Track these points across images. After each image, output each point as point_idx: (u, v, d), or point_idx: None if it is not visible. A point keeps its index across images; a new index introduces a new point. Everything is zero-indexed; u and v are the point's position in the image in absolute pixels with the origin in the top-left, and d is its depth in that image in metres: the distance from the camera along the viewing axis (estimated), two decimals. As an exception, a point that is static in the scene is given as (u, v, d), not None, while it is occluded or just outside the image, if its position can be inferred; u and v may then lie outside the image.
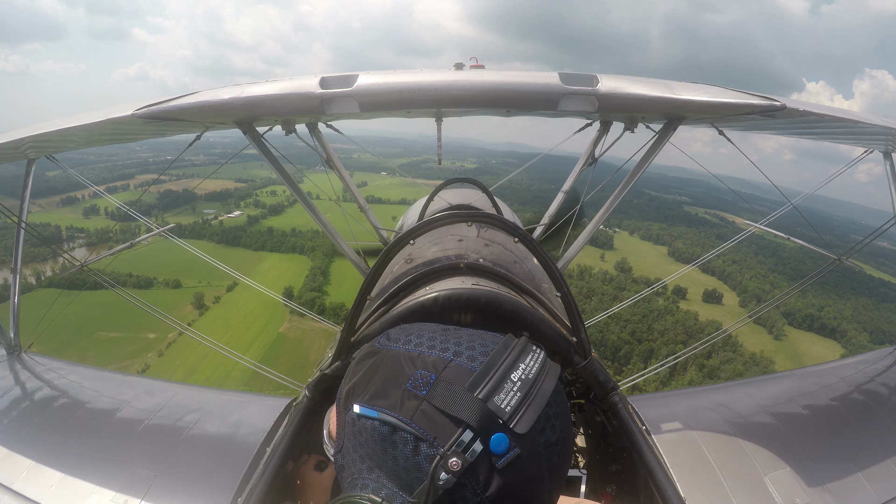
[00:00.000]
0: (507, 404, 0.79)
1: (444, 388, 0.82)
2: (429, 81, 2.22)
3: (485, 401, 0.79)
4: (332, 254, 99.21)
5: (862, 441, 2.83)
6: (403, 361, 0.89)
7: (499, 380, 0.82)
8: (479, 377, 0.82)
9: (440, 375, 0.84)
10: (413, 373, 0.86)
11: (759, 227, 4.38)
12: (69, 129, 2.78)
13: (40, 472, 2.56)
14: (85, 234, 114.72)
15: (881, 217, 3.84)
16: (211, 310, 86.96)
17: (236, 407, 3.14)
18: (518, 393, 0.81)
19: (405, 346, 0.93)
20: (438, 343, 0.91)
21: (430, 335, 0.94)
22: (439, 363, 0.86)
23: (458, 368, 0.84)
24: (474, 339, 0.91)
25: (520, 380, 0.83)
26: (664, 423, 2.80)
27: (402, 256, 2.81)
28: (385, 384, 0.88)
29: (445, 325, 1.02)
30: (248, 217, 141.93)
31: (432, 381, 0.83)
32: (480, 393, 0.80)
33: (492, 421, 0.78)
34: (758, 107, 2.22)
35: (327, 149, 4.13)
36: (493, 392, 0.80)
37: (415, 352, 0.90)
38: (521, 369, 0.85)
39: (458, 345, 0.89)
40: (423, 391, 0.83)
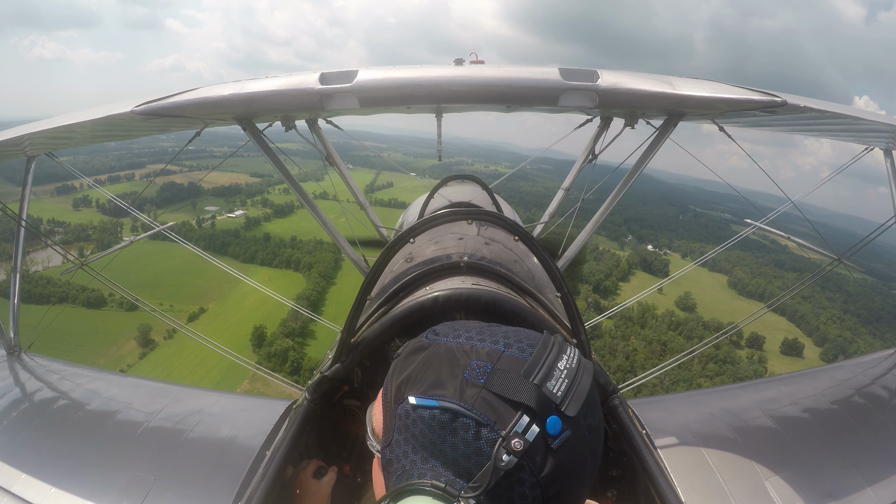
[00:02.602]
0: (559, 389, 0.85)
1: (502, 375, 0.87)
2: (428, 77, 2.22)
3: (539, 386, 0.85)
4: (331, 274, 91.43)
5: (863, 445, 2.80)
6: (458, 353, 0.94)
7: (549, 368, 0.88)
8: (532, 365, 0.88)
9: (496, 365, 0.89)
10: (469, 363, 0.91)
11: (759, 225, 4.37)
12: (69, 125, 2.77)
13: (39, 474, 2.54)
14: (63, 230, 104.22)
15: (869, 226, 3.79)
16: (158, 349, 68.65)
17: (236, 409, 3.12)
18: (566, 380, 0.87)
19: (455, 340, 0.97)
20: (488, 337, 0.95)
21: (477, 329, 0.99)
22: (494, 353, 0.91)
23: (511, 358, 0.89)
24: (519, 334, 0.97)
25: (566, 368, 0.89)
26: (664, 427, 2.77)
27: (403, 255, 2.80)
28: (442, 375, 0.93)
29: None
30: (246, 219, 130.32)
31: (489, 370, 0.88)
32: (535, 379, 0.85)
33: (547, 404, 0.84)
34: (758, 102, 2.21)
35: (327, 145, 4.13)
36: (546, 378, 0.86)
37: (467, 344, 0.94)
38: (565, 360, 0.91)
39: (507, 338, 0.94)
40: (482, 379, 0.88)
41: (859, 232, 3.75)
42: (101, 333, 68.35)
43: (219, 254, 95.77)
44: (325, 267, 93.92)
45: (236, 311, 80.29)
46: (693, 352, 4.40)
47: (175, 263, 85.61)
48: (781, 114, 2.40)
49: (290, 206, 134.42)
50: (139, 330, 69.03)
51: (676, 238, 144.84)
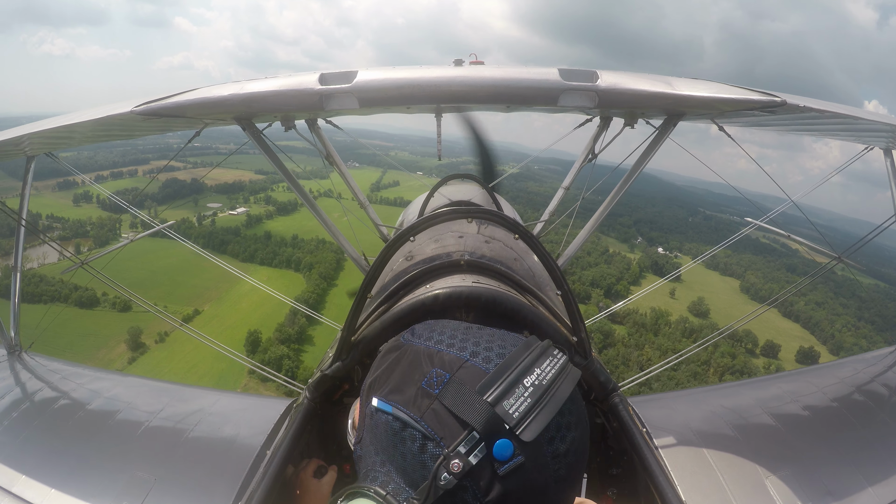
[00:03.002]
0: (516, 410, 0.78)
1: (456, 388, 0.82)
2: (428, 77, 2.22)
3: (493, 405, 0.78)
4: (332, 275, 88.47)
5: (864, 443, 2.80)
6: (423, 358, 0.90)
7: (510, 384, 0.80)
8: (491, 380, 0.81)
9: (454, 375, 0.84)
10: (430, 370, 0.87)
11: (759, 223, 4.37)
12: (69, 125, 2.77)
13: (40, 474, 2.53)
14: (61, 226, 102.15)
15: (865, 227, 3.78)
16: (149, 353, 67.27)
17: (236, 409, 3.12)
18: (528, 399, 0.79)
19: (426, 343, 0.93)
20: (458, 341, 0.91)
21: (451, 332, 0.94)
22: (455, 362, 0.86)
23: (472, 369, 0.84)
24: (494, 340, 0.90)
25: (532, 385, 0.81)
26: (665, 425, 2.78)
27: (403, 253, 2.80)
28: (403, 380, 0.90)
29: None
30: (247, 217, 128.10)
31: (446, 381, 0.84)
32: (490, 396, 0.79)
33: (497, 426, 0.77)
34: (758, 102, 2.22)
35: (327, 145, 4.13)
36: (503, 396, 0.79)
37: (434, 349, 0.91)
38: (536, 374, 0.83)
39: (477, 344, 0.89)
40: (437, 390, 0.83)
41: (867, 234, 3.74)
42: (92, 335, 66.60)
43: (218, 250, 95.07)
44: (326, 268, 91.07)
45: (232, 313, 78.35)
46: (693, 350, 4.39)
47: (172, 262, 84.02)
48: (781, 114, 2.40)
49: (293, 203, 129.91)
50: (129, 333, 67.33)
51: (687, 241, 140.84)
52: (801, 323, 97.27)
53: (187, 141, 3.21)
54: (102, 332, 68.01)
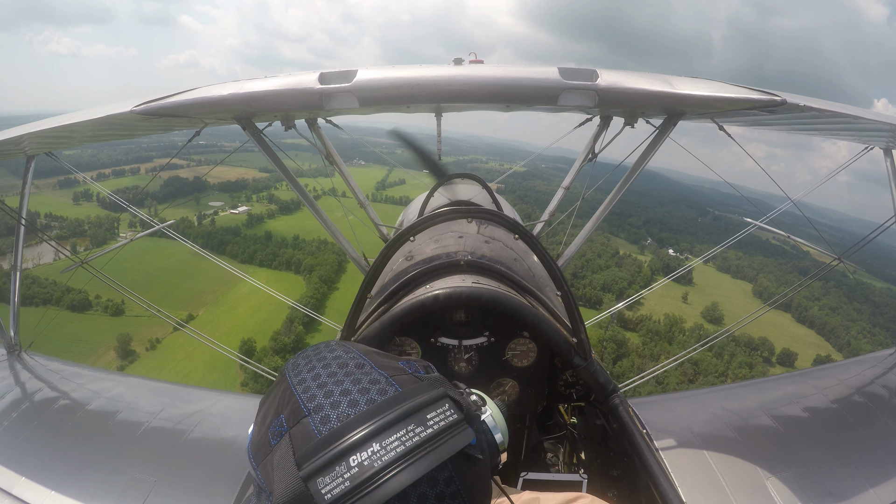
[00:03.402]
0: (330, 492, 0.67)
1: (284, 448, 0.75)
2: (428, 77, 2.22)
3: (305, 479, 0.69)
4: (333, 278, 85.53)
5: (863, 444, 2.79)
6: (282, 396, 0.83)
7: (332, 458, 0.69)
8: (313, 449, 0.71)
9: (291, 430, 0.76)
10: (279, 416, 0.80)
11: (759, 224, 4.37)
12: (69, 125, 2.78)
13: (40, 475, 2.53)
14: (59, 225, 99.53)
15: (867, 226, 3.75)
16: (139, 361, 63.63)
17: (236, 409, 3.12)
18: (346, 483, 0.68)
19: (295, 374, 0.85)
20: (317, 384, 0.80)
21: (326, 367, 0.85)
22: (297, 414, 0.77)
23: (306, 428, 0.75)
24: (354, 390, 0.78)
25: (358, 466, 0.69)
26: (665, 427, 2.77)
27: (403, 253, 2.80)
28: (265, 414, 0.85)
29: (381, 347, 0.94)
30: (248, 216, 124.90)
31: (282, 434, 0.77)
32: (305, 469, 0.69)
33: (307, 502, 0.68)
34: (758, 101, 2.21)
35: (327, 144, 4.13)
36: (320, 472, 0.69)
37: (295, 387, 0.82)
38: (370, 452, 0.70)
39: (330, 394, 0.78)
40: (274, 441, 0.77)
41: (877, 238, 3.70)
42: (81, 341, 63.14)
43: (217, 251, 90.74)
44: (326, 270, 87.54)
45: (227, 318, 74.38)
46: (694, 351, 4.39)
47: (169, 263, 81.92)
48: (781, 113, 2.40)
49: (295, 202, 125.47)
50: (118, 339, 64.23)
51: (697, 242, 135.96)
52: (815, 329, 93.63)
53: (187, 141, 3.21)
54: (93, 338, 64.61)
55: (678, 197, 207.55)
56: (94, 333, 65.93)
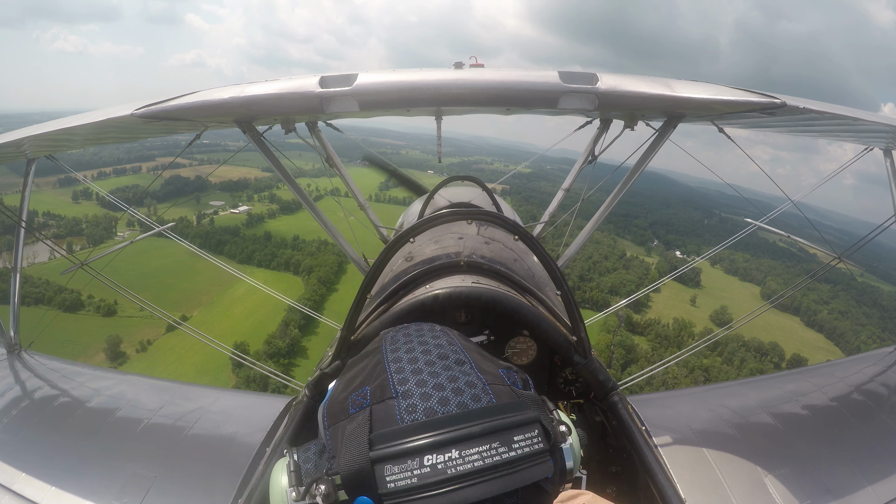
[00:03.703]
0: (394, 482, 0.66)
1: (361, 421, 0.73)
2: (428, 80, 2.23)
3: (373, 462, 0.68)
4: (333, 280, 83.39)
5: (862, 441, 2.81)
6: (374, 367, 0.83)
7: (408, 452, 0.68)
8: (391, 434, 0.70)
9: (373, 406, 0.75)
10: (364, 386, 0.79)
11: (759, 224, 4.38)
12: (69, 128, 2.78)
13: (41, 472, 2.54)
14: (56, 224, 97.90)
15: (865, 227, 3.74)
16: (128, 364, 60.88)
17: (236, 406, 3.14)
18: (413, 479, 0.66)
19: (392, 350, 0.85)
20: (412, 367, 0.79)
21: (424, 351, 0.83)
22: (384, 392, 0.76)
23: (388, 410, 0.73)
24: (448, 386, 0.75)
25: (431, 467, 0.66)
26: (664, 424, 2.79)
27: (402, 254, 2.81)
28: (351, 378, 0.85)
29: (472, 341, 0.89)
30: (248, 216, 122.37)
31: (363, 407, 0.76)
32: (376, 451, 0.68)
33: (365, 484, 0.68)
34: (757, 104, 2.22)
35: (327, 147, 4.14)
36: (391, 459, 0.67)
37: (389, 363, 0.81)
38: (448, 457, 0.67)
39: (423, 383, 0.76)
40: (353, 410, 0.77)
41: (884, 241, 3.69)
42: (71, 342, 60.91)
43: (215, 251, 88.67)
44: (326, 272, 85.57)
45: (221, 320, 72.43)
46: (694, 350, 4.41)
47: (165, 263, 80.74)
48: (781, 115, 2.40)
49: (297, 202, 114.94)
50: (107, 341, 62.44)
51: (704, 244, 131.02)
52: (825, 333, 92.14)
53: (188, 144, 3.21)
54: (82, 339, 62.23)
55: (684, 199, 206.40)
56: (83, 334, 63.92)
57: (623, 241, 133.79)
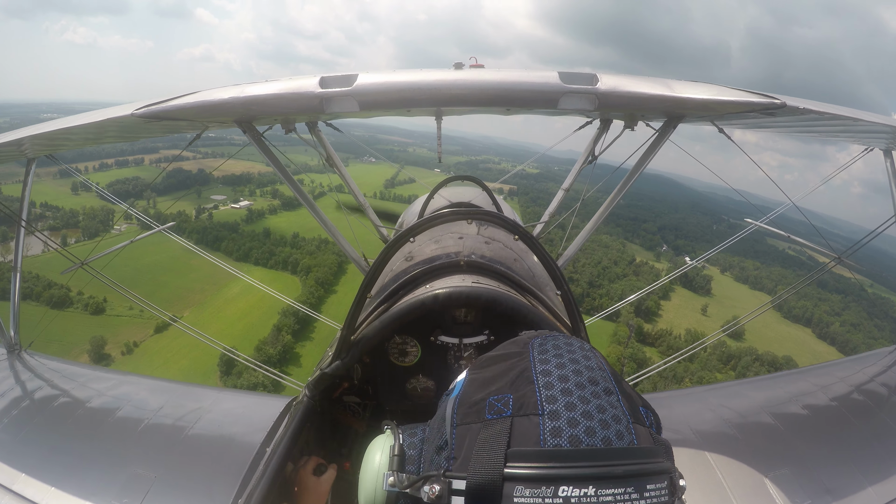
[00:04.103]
0: (523, 499, 0.64)
1: (498, 431, 0.71)
2: (428, 81, 2.22)
3: (504, 478, 0.66)
4: (332, 282, 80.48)
5: (862, 441, 2.82)
6: (518, 375, 0.79)
7: (545, 478, 0.65)
8: (530, 455, 0.68)
9: (514, 418, 0.72)
10: (507, 393, 0.76)
11: (759, 224, 4.38)
12: (69, 128, 2.78)
13: (41, 472, 2.55)
14: (52, 215, 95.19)
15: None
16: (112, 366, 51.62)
17: (236, 406, 3.14)
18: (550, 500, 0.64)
19: (541, 362, 0.80)
20: (561, 386, 0.75)
21: (574, 370, 0.78)
22: (529, 407, 0.73)
23: (532, 427, 0.70)
24: (596, 417, 0.71)
25: (564, 499, 0.64)
26: (664, 424, 2.78)
27: (402, 254, 2.81)
28: (490, 377, 0.82)
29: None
30: (248, 211, 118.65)
31: (503, 416, 0.73)
32: (512, 469, 0.66)
33: (489, 498, 0.66)
34: (758, 104, 2.22)
35: (327, 147, 4.14)
36: (525, 481, 0.65)
37: (536, 375, 0.77)
38: (583, 493, 0.64)
39: (572, 407, 0.72)
40: (489, 416, 0.74)
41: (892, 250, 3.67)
42: (56, 341, 57.80)
43: (212, 247, 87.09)
44: (324, 272, 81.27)
45: (213, 322, 68.61)
46: (694, 349, 4.41)
47: (159, 259, 77.28)
48: (781, 116, 2.40)
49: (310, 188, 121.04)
50: (91, 343, 59.35)
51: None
52: (836, 346, 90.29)
53: (188, 143, 3.21)
54: (66, 339, 58.95)
55: (692, 203, 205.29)
56: (68, 334, 60.57)
57: (632, 245, 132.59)
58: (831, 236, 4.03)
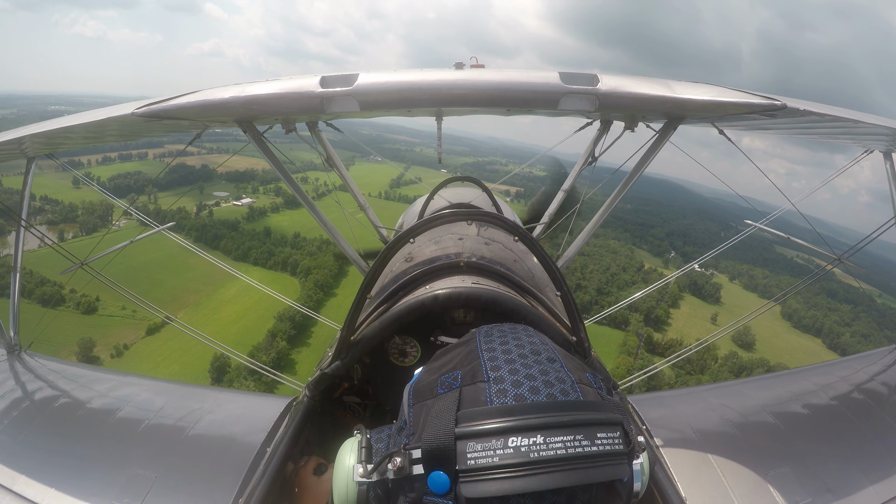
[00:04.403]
0: (475, 458, 0.68)
1: (449, 401, 0.76)
2: (429, 81, 2.22)
3: (457, 438, 0.70)
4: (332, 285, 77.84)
5: (863, 440, 2.82)
6: (466, 354, 0.85)
7: (494, 432, 0.69)
8: (477, 414, 0.72)
9: (463, 387, 0.77)
10: (455, 371, 0.82)
11: (759, 226, 4.39)
12: (69, 127, 2.78)
13: (41, 473, 2.54)
14: (51, 209, 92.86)
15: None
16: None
17: (236, 406, 3.13)
18: (495, 459, 0.67)
19: (486, 342, 0.87)
20: (505, 357, 0.81)
21: (517, 345, 0.85)
22: (475, 376, 0.79)
23: (478, 391, 0.75)
24: (538, 377, 0.77)
25: (514, 449, 0.67)
26: (665, 423, 2.79)
27: (402, 255, 2.81)
28: (441, 364, 0.87)
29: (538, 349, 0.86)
30: (250, 209, 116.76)
31: (454, 387, 0.78)
32: (462, 428, 0.71)
33: (445, 458, 0.70)
34: (758, 106, 2.22)
35: (327, 147, 4.14)
36: (475, 437, 0.69)
37: (482, 353, 0.84)
38: (533, 442, 0.68)
39: (515, 372, 0.77)
40: (441, 390, 0.79)
41: None
42: (44, 342, 55.74)
43: (210, 246, 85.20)
44: (324, 274, 79.47)
45: (206, 325, 64.88)
46: (694, 349, 4.42)
47: (155, 257, 74.90)
48: (782, 117, 2.40)
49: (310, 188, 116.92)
50: (79, 344, 57.34)
51: (723, 258, 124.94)
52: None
53: (188, 143, 3.21)
54: (55, 339, 56.70)
55: (699, 209, 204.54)
56: (58, 334, 58.41)
57: (640, 251, 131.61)
58: (837, 244, 4.04)
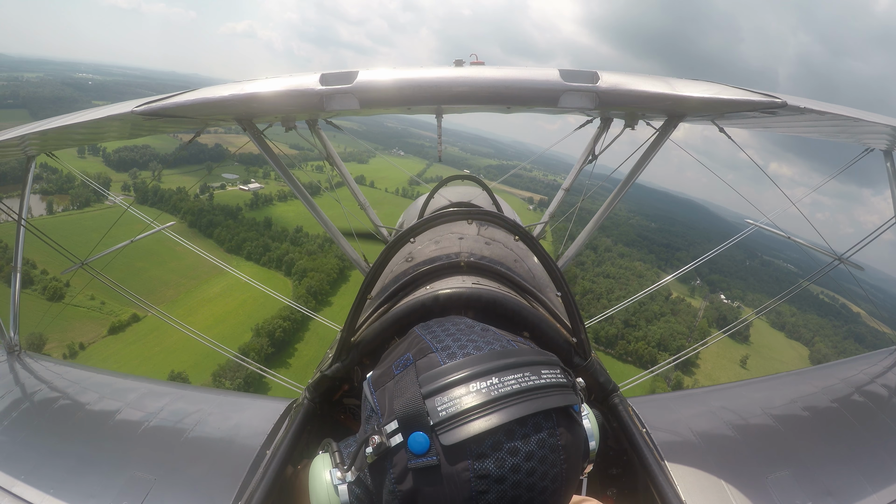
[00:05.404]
0: (445, 409, 0.74)
1: (409, 373, 0.82)
2: (429, 78, 2.22)
3: (424, 397, 0.76)
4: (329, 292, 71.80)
5: (863, 443, 2.81)
6: (411, 344, 0.92)
7: (454, 383, 0.77)
8: (437, 373, 0.79)
9: (417, 362, 0.84)
10: (406, 353, 0.88)
11: (759, 225, 4.38)
12: (69, 125, 2.78)
13: (40, 475, 2.53)
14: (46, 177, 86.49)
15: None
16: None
17: (236, 409, 3.12)
18: (465, 402, 0.74)
19: (426, 332, 0.93)
20: (448, 335, 0.89)
21: (455, 327, 0.92)
22: (424, 351, 0.86)
23: (431, 359, 0.83)
24: (478, 339, 0.86)
25: (476, 392, 0.75)
26: (665, 426, 2.78)
27: (403, 255, 2.80)
28: (388, 358, 0.93)
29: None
30: (255, 196, 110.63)
31: (408, 365, 0.85)
32: (426, 388, 0.77)
33: (418, 418, 0.75)
34: (758, 103, 2.22)
35: (327, 145, 4.14)
36: (440, 392, 0.76)
37: (425, 338, 0.90)
38: (490, 383, 0.76)
39: (458, 340, 0.86)
40: (397, 371, 0.86)
41: None
42: None
43: (204, 233, 79.12)
44: (321, 279, 72.03)
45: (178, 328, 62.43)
46: (694, 350, 4.41)
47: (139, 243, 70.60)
48: (782, 115, 2.40)
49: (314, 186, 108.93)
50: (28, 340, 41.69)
51: (749, 289, 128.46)
52: None
53: (187, 142, 3.21)
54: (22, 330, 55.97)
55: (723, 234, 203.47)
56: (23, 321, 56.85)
57: (665, 275, 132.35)
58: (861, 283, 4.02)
